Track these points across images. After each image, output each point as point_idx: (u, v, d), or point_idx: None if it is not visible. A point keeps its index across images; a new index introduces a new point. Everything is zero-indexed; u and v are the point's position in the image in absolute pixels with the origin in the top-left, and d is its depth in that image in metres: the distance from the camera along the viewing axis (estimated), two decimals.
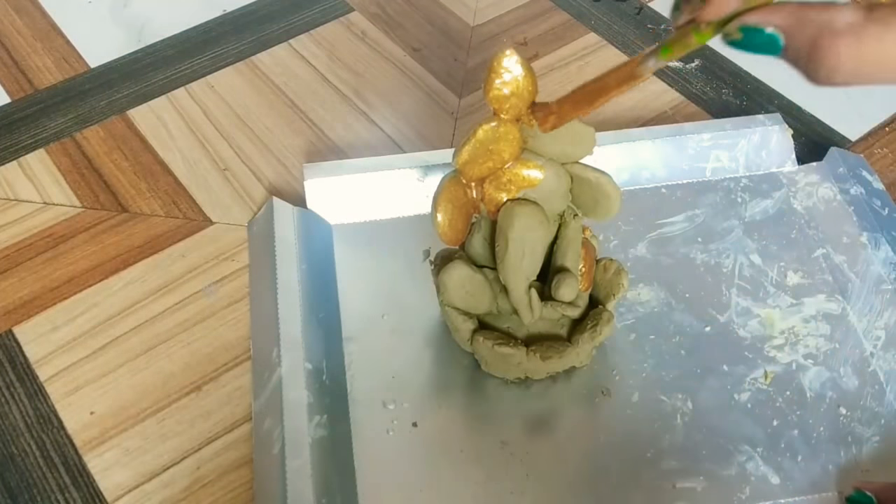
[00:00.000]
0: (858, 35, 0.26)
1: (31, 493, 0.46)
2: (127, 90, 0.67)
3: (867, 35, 0.26)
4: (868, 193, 0.58)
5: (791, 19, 0.28)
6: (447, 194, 0.44)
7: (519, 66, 0.40)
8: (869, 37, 0.26)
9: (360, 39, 0.71)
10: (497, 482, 0.46)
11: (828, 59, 0.27)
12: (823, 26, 0.27)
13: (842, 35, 0.27)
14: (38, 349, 0.51)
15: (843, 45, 0.27)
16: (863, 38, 0.26)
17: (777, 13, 0.28)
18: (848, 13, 0.27)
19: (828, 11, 0.27)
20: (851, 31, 0.27)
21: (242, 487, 0.46)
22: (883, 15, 0.26)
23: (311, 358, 0.49)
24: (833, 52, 0.27)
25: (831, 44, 0.27)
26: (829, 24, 0.27)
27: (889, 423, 0.48)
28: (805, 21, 0.28)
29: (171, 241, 0.57)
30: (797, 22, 0.28)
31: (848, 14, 0.27)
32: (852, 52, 0.27)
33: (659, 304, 0.53)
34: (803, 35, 0.28)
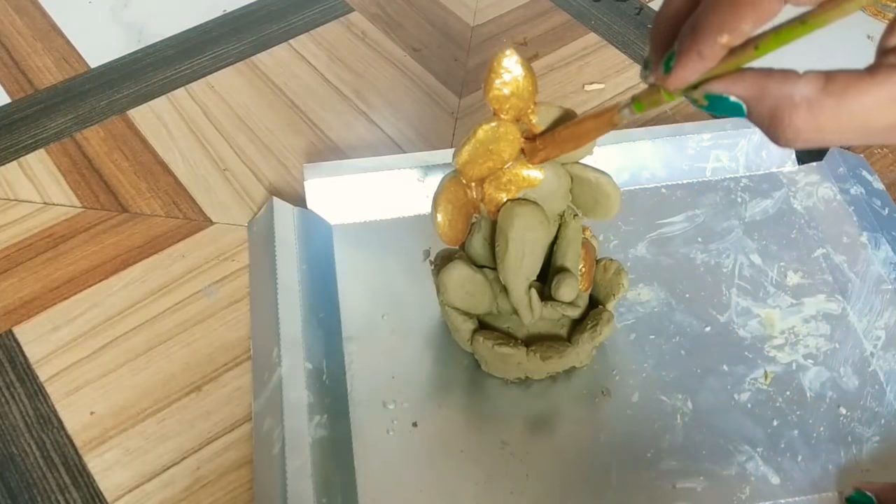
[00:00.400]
0: (814, 110, 0.27)
1: (32, 493, 0.46)
2: (127, 90, 0.67)
3: (823, 109, 0.27)
4: (868, 193, 0.58)
5: (752, 90, 0.29)
6: (447, 194, 0.44)
7: (519, 67, 0.40)
8: (824, 110, 0.27)
9: (361, 40, 0.71)
10: (497, 482, 0.46)
11: (787, 130, 0.28)
12: (782, 99, 0.28)
13: (799, 109, 0.28)
14: (38, 349, 0.51)
15: (800, 119, 0.28)
16: (818, 112, 0.27)
17: (739, 83, 0.29)
18: (805, 86, 0.27)
19: (787, 84, 0.28)
20: (808, 105, 0.27)
21: (242, 487, 0.46)
22: (837, 88, 0.27)
23: (312, 358, 0.49)
24: (791, 125, 0.28)
25: (790, 117, 0.28)
26: (787, 98, 0.28)
27: (889, 423, 0.48)
28: (765, 93, 0.28)
29: (171, 241, 0.57)
30: (758, 93, 0.29)
31: (805, 86, 0.27)
32: (809, 125, 0.28)
33: (659, 305, 0.53)
34: (763, 106, 0.29)
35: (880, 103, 0.27)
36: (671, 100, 0.31)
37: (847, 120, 0.27)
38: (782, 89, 0.28)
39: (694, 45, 0.29)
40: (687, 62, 0.29)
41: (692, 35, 0.29)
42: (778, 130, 0.28)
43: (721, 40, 0.28)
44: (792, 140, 0.28)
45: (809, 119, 0.27)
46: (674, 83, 0.30)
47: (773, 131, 0.29)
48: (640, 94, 0.33)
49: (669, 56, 0.30)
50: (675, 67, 0.30)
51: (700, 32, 0.28)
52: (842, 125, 0.27)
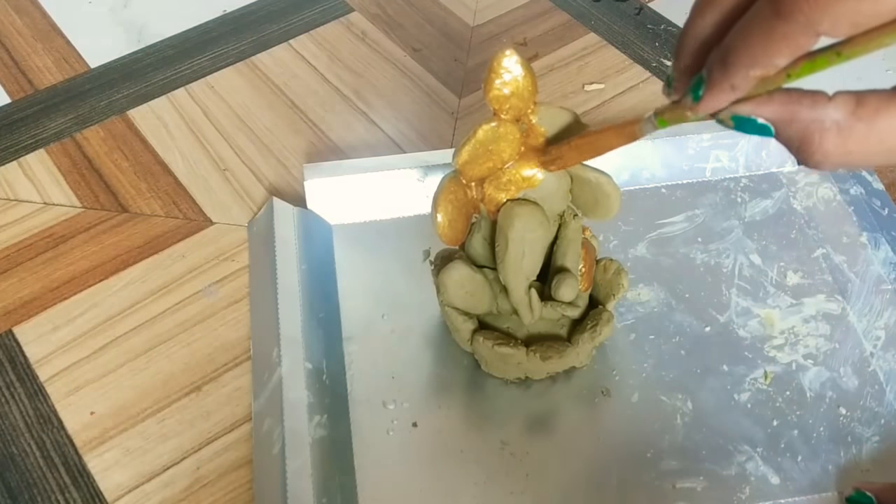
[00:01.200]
0: (844, 134, 0.27)
1: (31, 493, 0.46)
2: (127, 90, 0.67)
3: (853, 133, 0.27)
4: (868, 194, 0.58)
5: (781, 113, 0.29)
6: (447, 194, 0.44)
7: (519, 67, 0.40)
8: (854, 134, 0.27)
9: (361, 40, 0.71)
10: (497, 482, 0.46)
11: (816, 154, 0.28)
12: (812, 123, 0.28)
13: (829, 133, 0.28)
14: (38, 349, 0.51)
15: (829, 143, 0.28)
16: (848, 136, 0.27)
17: (768, 105, 0.29)
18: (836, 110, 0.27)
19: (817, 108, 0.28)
20: (838, 129, 0.27)
21: (242, 488, 0.46)
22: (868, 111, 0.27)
23: (311, 358, 0.49)
24: (821, 149, 0.28)
25: (820, 141, 0.28)
26: (818, 122, 0.28)
27: (889, 424, 0.48)
28: (795, 116, 0.28)
29: (171, 241, 0.57)
30: (788, 117, 0.29)
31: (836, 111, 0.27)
32: (839, 149, 0.28)
33: (659, 305, 0.53)
34: (793, 129, 0.29)
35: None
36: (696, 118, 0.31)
37: (876, 143, 0.27)
38: (812, 113, 0.28)
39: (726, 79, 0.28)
40: (718, 94, 0.29)
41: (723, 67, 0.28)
42: (807, 154, 0.28)
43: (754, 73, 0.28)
44: (821, 163, 0.28)
45: (839, 144, 0.27)
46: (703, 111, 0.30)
47: (803, 154, 0.29)
48: (664, 110, 0.33)
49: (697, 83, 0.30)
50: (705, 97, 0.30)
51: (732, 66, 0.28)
52: (871, 148, 0.27)
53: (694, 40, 0.30)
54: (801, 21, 0.25)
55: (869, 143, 0.27)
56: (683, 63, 0.31)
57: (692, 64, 0.31)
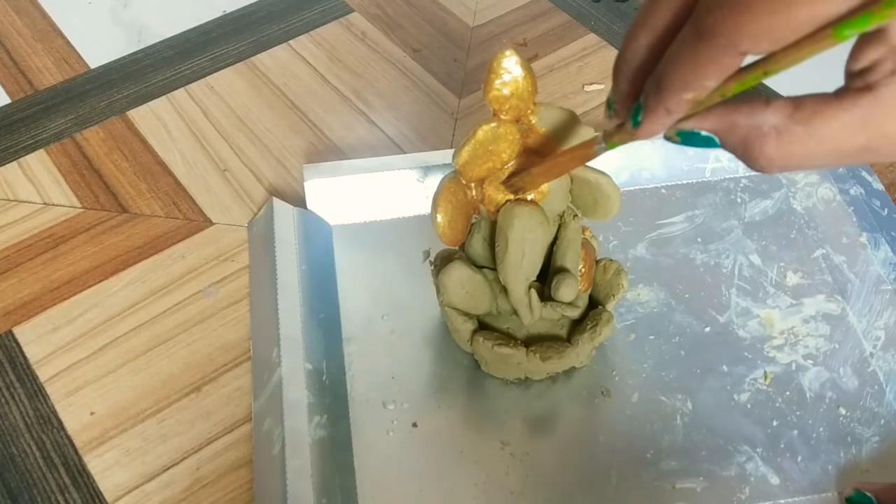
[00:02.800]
0: (783, 138, 0.28)
1: (31, 493, 0.46)
2: (127, 91, 0.67)
3: (792, 136, 0.28)
4: (868, 194, 0.58)
5: (721, 124, 0.29)
6: (447, 195, 0.44)
7: (518, 67, 0.40)
8: (793, 138, 0.28)
9: (360, 40, 0.71)
10: (497, 482, 0.46)
11: (759, 159, 0.29)
12: (751, 130, 0.28)
13: (768, 138, 0.28)
14: (38, 350, 0.51)
15: (770, 148, 0.28)
16: (788, 140, 0.28)
17: (708, 119, 0.30)
18: (773, 115, 0.28)
19: (754, 115, 0.28)
20: (776, 133, 0.28)
21: (242, 488, 0.46)
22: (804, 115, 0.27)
23: (311, 358, 0.49)
24: (763, 155, 0.28)
25: (760, 147, 0.28)
26: (756, 128, 0.28)
27: (888, 424, 0.48)
28: (734, 125, 0.29)
29: (171, 241, 0.57)
30: (727, 126, 0.29)
31: (773, 116, 0.28)
32: (780, 152, 0.28)
33: (658, 305, 0.53)
34: (734, 137, 0.29)
35: (848, 127, 0.27)
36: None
37: (816, 146, 0.28)
38: (750, 120, 0.28)
39: (661, 103, 0.29)
40: (655, 118, 0.30)
41: (657, 93, 0.29)
42: (752, 159, 0.29)
43: (686, 97, 0.28)
44: (766, 167, 0.29)
45: (780, 147, 0.28)
46: (644, 135, 0.31)
47: (748, 160, 0.29)
48: (610, 133, 0.34)
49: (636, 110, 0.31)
50: (644, 123, 0.31)
51: (665, 90, 0.29)
52: (812, 151, 0.28)
53: (629, 66, 0.31)
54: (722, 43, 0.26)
55: (809, 145, 0.28)
56: (621, 89, 0.32)
57: (630, 89, 0.32)
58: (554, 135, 0.42)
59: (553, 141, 0.42)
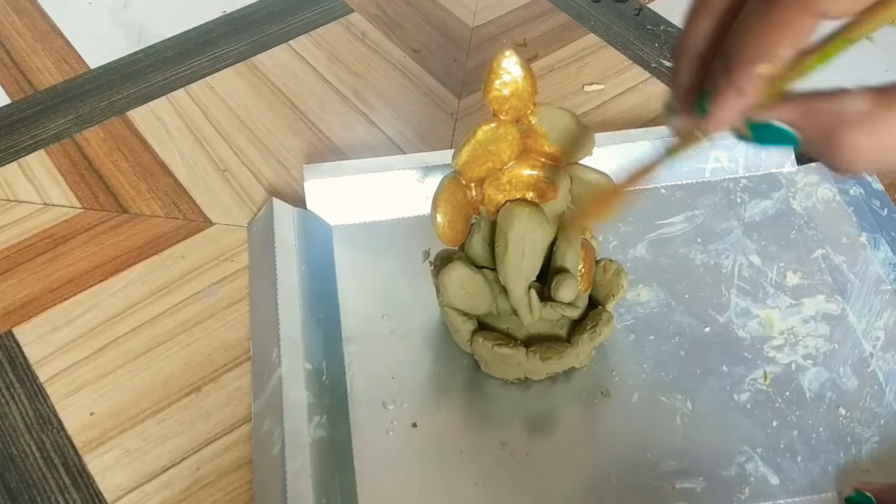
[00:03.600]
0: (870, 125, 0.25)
1: (31, 493, 0.46)
2: (127, 91, 0.67)
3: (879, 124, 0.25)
4: (867, 194, 0.58)
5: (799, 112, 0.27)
6: (447, 195, 0.44)
7: (518, 68, 0.40)
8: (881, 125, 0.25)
9: (360, 40, 0.71)
10: (496, 482, 0.46)
11: (843, 151, 0.26)
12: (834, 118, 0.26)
13: (853, 126, 0.25)
14: (37, 350, 0.51)
15: (855, 136, 0.25)
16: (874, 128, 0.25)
17: (786, 108, 0.27)
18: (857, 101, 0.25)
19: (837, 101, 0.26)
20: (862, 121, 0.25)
21: (242, 488, 0.46)
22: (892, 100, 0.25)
23: (311, 358, 0.49)
24: (847, 145, 0.26)
25: (844, 136, 0.25)
26: (839, 116, 0.26)
27: (888, 424, 0.48)
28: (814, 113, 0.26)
29: (170, 241, 0.57)
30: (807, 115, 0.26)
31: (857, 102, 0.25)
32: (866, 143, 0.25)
33: (658, 305, 0.53)
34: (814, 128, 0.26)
35: None
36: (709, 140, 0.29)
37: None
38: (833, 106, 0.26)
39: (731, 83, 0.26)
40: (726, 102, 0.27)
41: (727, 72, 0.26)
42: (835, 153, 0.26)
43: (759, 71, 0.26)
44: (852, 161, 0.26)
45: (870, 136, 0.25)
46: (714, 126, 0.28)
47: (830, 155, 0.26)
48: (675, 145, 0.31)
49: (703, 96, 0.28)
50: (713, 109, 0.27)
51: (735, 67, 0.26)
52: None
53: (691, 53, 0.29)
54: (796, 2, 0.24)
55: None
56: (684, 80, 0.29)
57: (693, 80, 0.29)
58: (554, 135, 0.42)
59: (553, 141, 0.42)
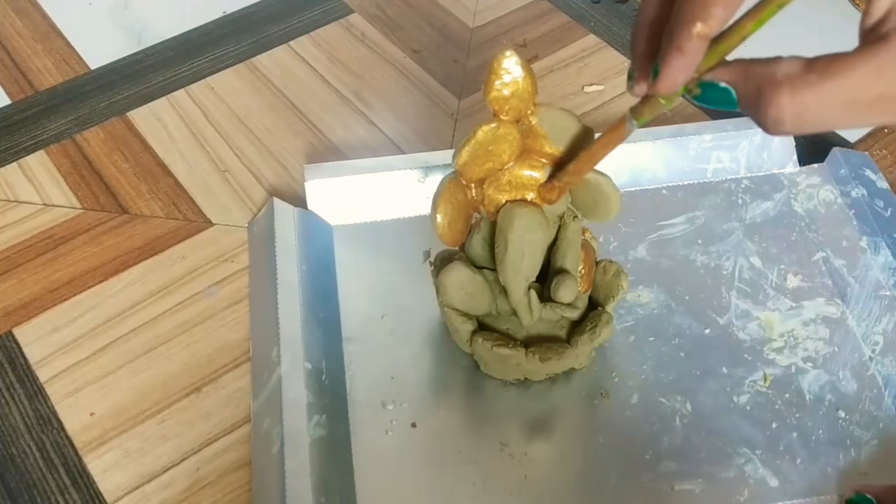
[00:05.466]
0: (795, 85, 0.27)
1: (31, 493, 0.46)
2: (127, 92, 0.67)
3: (804, 84, 0.27)
4: (870, 194, 0.58)
5: (737, 73, 0.29)
6: (447, 195, 0.44)
7: (519, 68, 0.40)
8: (806, 86, 0.27)
9: (360, 41, 0.71)
10: (495, 483, 0.46)
11: (770, 109, 0.28)
12: (765, 78, 0.28)
13: (782, 86, 0.28)
14: (38, 350, 0.51)
15: (783, 96, 0.28)
16: (800, 87, 0.27)
17: (727, 69, 0.30)
18: (788, 64, 0.28)
19: (770, 64, 0.28)
20: (789, 81, 0.27)
21: (242, 489, 0.46)
22: (821, 65, 0.27)
23: (311, 358, 0.49)
24: (774, 102, 0.28)
25: (772, 94, 0.28)
26: (770, 76, 0.28)
27: (887, 427, 0.48)
28: (749, 74, 0.29)
29: (171, 242, 0.57)
30: (743, 75, 0.29)
31: (788, 65, 0.28)
32: (794, 102, 0.27)
33: (658, 307, 0.53)
34: (748, 87, 0.29)
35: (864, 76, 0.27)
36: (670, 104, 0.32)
37: (831, 95, 0.27)
38: (765, 69, 0.28)
39: (672, 43, 0.29)
40: (670, 61, 0.30)
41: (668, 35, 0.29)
42: (763, 109, 0.28)
43: (696, 30, 0.28)
44: (777, 120, 0.28)
45: (793, 96, 0.27)
46: (664, 87, 0.31)
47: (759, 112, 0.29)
48: (637, 106, 0.34)
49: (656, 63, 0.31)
50: (661, 70, 0.30)
51: (675, 28, 0.29)
52: (827, 101, 0.27)
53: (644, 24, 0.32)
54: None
55: (824, 94, 0.27)
56: (639, 50, 0.32)
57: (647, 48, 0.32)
58: (554, 135, 0.42)
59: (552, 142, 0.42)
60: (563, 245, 0.46)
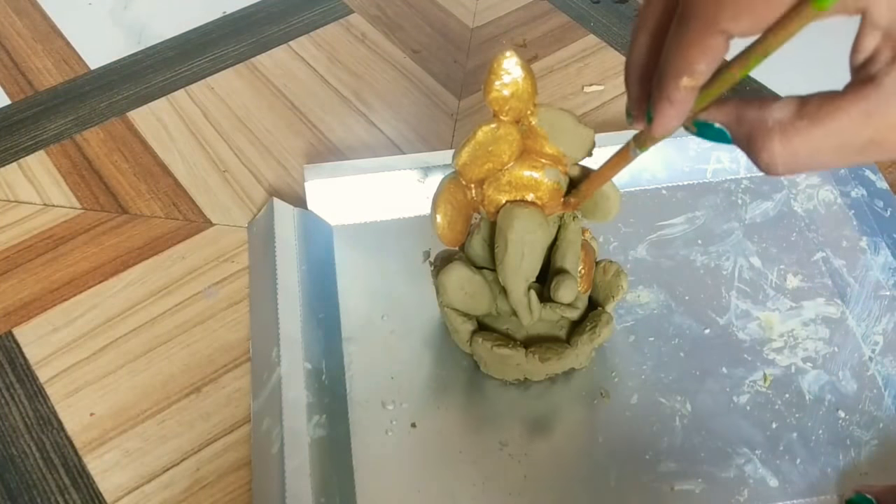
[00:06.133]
0: (788, 134, 0.28)
1: (31, 494, 0.46)
2: (127, 92, 0.67)
3: (797, 132, 0.27)
4: (870, 195, 0.58)
5: (730, 117, 0.30)
6: (447, 195, 0.44)
7: (519, 68, 0.40)
8: (798, 133, 0.27)
9: (360, 41, 0.71)
10: (495, 483, 0.46)
11: (762, 155, 0.28)
12: (757, 124, 0.28)
13: (772, 133, 0.28)
14: (38, 350, 0.51)
15: (774, 144, 0.28)
16: (793, 135, 0.27)
17: (720, 110, 0.30)
18: (779, 110, 0.28)
19: (762, 108, 0.28)
20: (781, 129, 0.28)
21: (242, 489, 0.46)
22: (811, 109, 0.27)
23: (311, 358, 0.49)
24: (766, 149, 0.28)
25: (763, 141, 0.28)
26: (761, 122, 0.28)
27: (887, 427, 0.48)
28: (742, 119, 0.29)
29: (170, 242, 0.57)
30: (736, 119, 0.29)
31: (779, 111, 0.28)
32: (785, 149, 0.28)
33: (658, 307, 0.53)
34: (741, 132, 0.29)
35: (854, 120, 0.27)
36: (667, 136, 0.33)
37: (821, 140, 0.27)
38: (757, 115, 0.29)
39: (662, 94, 0.30)
40: (661, 110, 0.31)
41: (658, 85, 0.30)
42: (756, 154, 0.29)
43: (683, 83, 0.29)
44: (770, 165, 0.28)
45: (784, 143, 0.28)
46: (658, 132, 0.32)
47: (752, 155, 0.29)
48: (639, 136, 0.35)
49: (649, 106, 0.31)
50: (654, 118, 0.31)
51: (664, 80, 0.30)
52: (817, 146, 0.27)
53: (635, 68, 0.33)
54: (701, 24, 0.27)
55: (813, 141, 0.27)
56: (633, 93, 0.33)
57: (640, 92, 0.33)
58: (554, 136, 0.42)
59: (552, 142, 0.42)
60: (563, 245, 0.46)
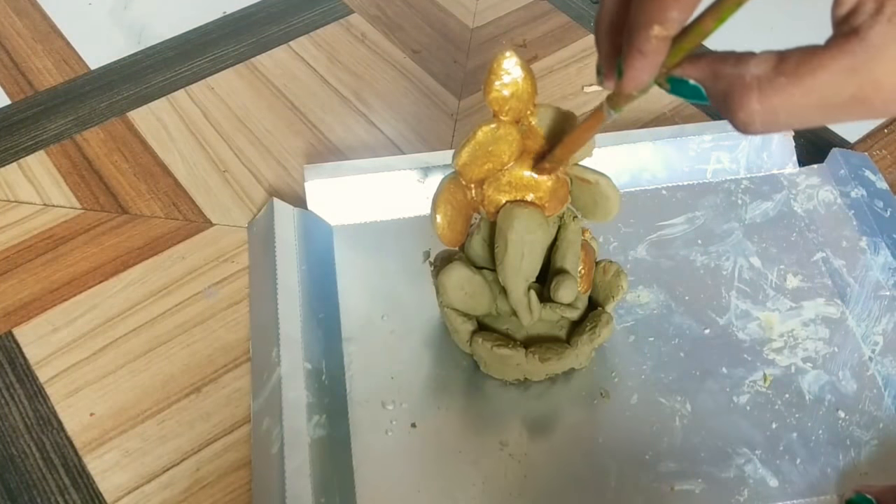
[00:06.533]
0: (766, 90, 0.27)
1: (31, 494, 0.46)
2: (127, 92, 0.67)
3: (775, 87, 0.26)
4: (870, 195, 0.58)
5: (705, 73, 0.29)
6: (446, 195, 0.44)
7: (518, 68, 0.40)
8: (777, 89, 0.26)
9: (360, 41, 0.71)
10: (495, 483, 0.46)
11: (740, 112, 0.27)
12: (733, 80, 0.27)
13: (750, 89, 0.27)
14: (37, 350, 0.51)
15: (752, 100, 0.27)
16: (771, 91, 0.26)
17: (694, 66, 0.29)
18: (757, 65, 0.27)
19: (739, 64, 0.27)
20: (758, 84, 0.27)
21: (242, 489, 0.46)
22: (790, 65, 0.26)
23: (311, 358, 0.49)
24: (744, 106, 0.27)
25: (741, 98, 0.27)
26: (738, 78, 0.27)
27: (887, 427, 0.48)
28: (718, 75, 0.28)
29: (170, 242, 0.57)
30: (711, 75, 0.28)
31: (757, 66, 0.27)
32: (763, 105, 0.27)
33: (658, 307, 0.53)
34: (717, 88, 0.28)
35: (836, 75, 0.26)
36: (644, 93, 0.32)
37: (802, 97, 0.26)
38: (734, 70, 0.28)
39: (633, 45, 0.29)
40: (632, 62, 0.29)
41: (628, 37, 0.29)
42: (732, 112, 0.28)
43: (654, 32, 0.28)
44: (747, 122, 0.27)
45: (762, 99, 0.27)
46: (629, 87, 0.31)
47: (729, 114, 0.28)
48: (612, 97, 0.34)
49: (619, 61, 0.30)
50: (625, 71, 0.30)
51: (634, 31, 0.29)
52: (798, 103, 0.26)
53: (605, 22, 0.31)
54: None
55: (793, 97, 0.26)
56: (603, 49, 0.32)
57: (610, 47, 0.32)
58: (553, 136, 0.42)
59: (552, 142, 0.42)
60: (563, 245, 0.46)
